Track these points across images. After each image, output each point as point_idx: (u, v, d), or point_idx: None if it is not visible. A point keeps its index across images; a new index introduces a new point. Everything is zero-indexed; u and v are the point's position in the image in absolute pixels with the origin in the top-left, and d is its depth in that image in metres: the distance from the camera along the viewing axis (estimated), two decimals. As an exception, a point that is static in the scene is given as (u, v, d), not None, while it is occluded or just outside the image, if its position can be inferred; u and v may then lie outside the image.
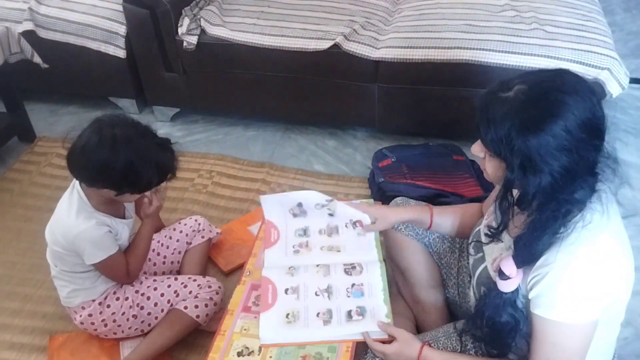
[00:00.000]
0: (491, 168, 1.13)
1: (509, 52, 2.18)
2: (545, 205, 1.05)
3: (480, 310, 1.19)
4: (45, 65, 2.45)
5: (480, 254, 1.30)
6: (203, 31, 2.45)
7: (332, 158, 2.52)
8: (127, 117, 1.51)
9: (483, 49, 2.20)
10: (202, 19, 2.45)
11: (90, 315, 1.63)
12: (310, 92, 2.50)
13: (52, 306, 1.88)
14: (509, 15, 2.39)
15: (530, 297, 1.10)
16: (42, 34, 2.59)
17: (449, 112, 2.40)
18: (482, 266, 1.28)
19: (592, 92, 1.04)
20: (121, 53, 2.57)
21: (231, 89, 2.58)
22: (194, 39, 2.43)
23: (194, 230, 1.90)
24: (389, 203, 1.71)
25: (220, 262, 1.98)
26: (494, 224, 1.23)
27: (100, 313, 1.63)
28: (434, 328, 1.46)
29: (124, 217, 1.64)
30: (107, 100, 2.84)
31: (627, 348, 1.73)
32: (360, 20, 2.45)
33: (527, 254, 1.09)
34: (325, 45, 2.32)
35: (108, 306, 1.63)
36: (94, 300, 1.63)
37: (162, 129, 2.74)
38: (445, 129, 2.49)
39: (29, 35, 2.52)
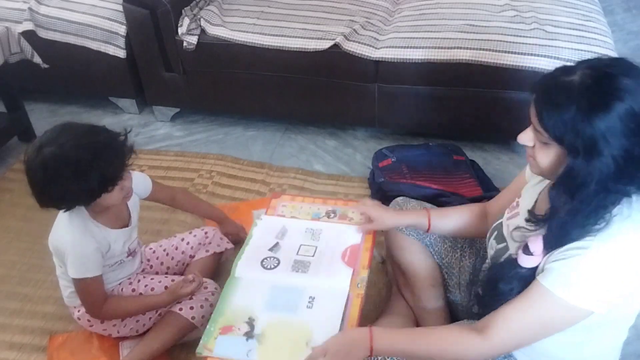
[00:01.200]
0: (545, 156, 1.10)
1: (509, 52, 2.18)
2: (595, 194, 1.03)
3: (490, 271, 1.22)
4: (45, 65, 2.45)
5: (504, 244, 1.29)
6: (203, 31, 2.45)
7: (332, 158, 2.52)
8: (54, 128, 1.43)
9: (483, 49, 2.20)
10: (202, 19, 2.45)
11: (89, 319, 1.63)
12: (310, 92, 2.50)
13: (52, 306, 1.88)
14: (509, 15, 2.39)
15: (545, 267, 1.10)
16: (42, 34, 2.59)
17: (449, 112, 2.40)
18: (506, 255, 1.26)
19: None
20: (121, 53, 2.57)
21: (231, 89, 2.58)
22: (194, 39, 2.43)
23: (200, 243, 1.85)
24: (389, 203, 1.71)
25: None
26: (535, 212, 1.21)
27: (109, 325, 1.63)
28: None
29: (127, 225, 1.61)
30: (107, 100, 2.84)
31: (627, 348, 1.71)
32: (360, 20, 2.45)
33: (559, 238, 1.08)
34: (325, 45, 2.32)
35: None
36: None
37: (162, 129, 2.74)
38: (445, 129, 2.49)
39: (29, 35, 2.52)
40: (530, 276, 1.13)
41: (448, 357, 1.19)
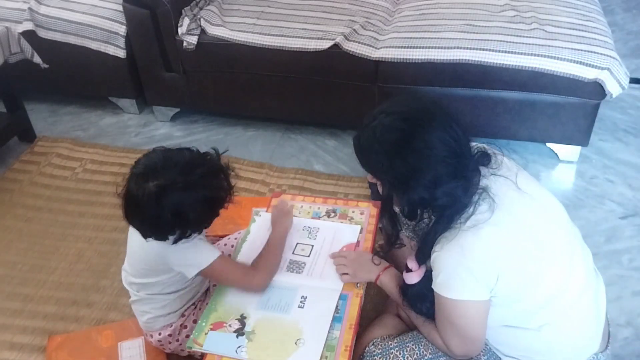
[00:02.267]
0: (382, 188, 1.25)
1: (509, 52, 2.18)
2: (422, 214, 1.20)
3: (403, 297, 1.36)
4: (45, 65, 2.45)
5: None
6: (203, 31, 2.45)
7: (332, 158, 2.52)
8: (162, 155, 1.34)
9: (483, 49, 2.20)
10: (202, 19, 2.45)
11: (170, 335, 1.58)
12: (310, 92, 2.50)
13: (53, 306, 1.89)
14: (509, 15, 2.39)
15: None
16: (42, 34, 2.59)
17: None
18: None
19: (444, 109, 1.20)
20: (121, 53, 2.57)
21: (231, 89, 2.58)
22: (194, 39, 2.43)
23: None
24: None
25: None
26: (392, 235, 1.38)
27: (179, 334, 1.58)
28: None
29: None
30: (107, 100, 2.85)
31: (627, 348, 1.73)
32: (360, 20, 2.45)
33: (422, 253, 1.26)
34: (325, 45, 2.32)
35: (185, 327, 1.57)
36: (173, 324, 1.56)
37: (162, 129, 2.74)
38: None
39: (29, 35, 2.52)
40: (429, 290, 1.24)
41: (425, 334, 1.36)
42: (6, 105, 2.56)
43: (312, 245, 1.56)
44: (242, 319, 1.38)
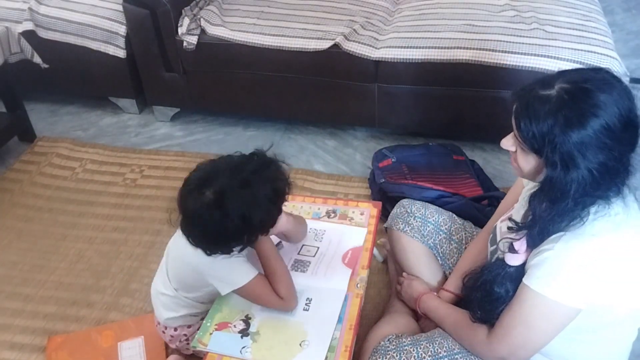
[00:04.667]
0: (525, 163, 1.15)
1: (509, 52, 2.18)
2: (574, 201, 1.07)
3: (482, 273, 1.26)
4: (45, 65, 2.45)
5: (495, 246, 1.34)
6: (203, 31, 2.45)
7: (332, 158, 2.52)
8: (210, 165, 1.32)
9: (483, 49, 2.20)
10: (202, 19, 2.45)
11: (185, 335, 1.57)
12: (310, 92, 2.50)
13: (53, 307, 1.89)
14: (509, 15, 2.39)
15: (526, 268, 1.15)
16: (42, 34, 2.59)
17: (449, 112, 2.40)
18: (496, 256, 1.30)
19: (629, 92, 1.07)
20: (121, 53, 2.57)
21: (231, 89, 2.58)
22: (194, 39, 2.43)
23: None
24: (390, 204, 1.71)
25: None
26: (518, 218, 1.25)
27: (192, 334, 1.56)
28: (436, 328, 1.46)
29: None
30: (107, 100, 2.84)
31: (627, 348, 1.73)
32: (360, 20, 2.45)
33: (541, 237, 1.12)
34: (325, 45, 2.32)
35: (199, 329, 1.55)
36: (192, 325, 1.55)
37: (162, 129, 2.74)
38: (445, 129, 2.50)
39: (29, 35, 2.52)
40: (519, 275, 1.16)
41: (463, 344, 1.31)
42: (6, 105, 2.56)
43: (318, 247, 1.56)
44: (247, 320, 1.38)
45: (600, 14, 2.47)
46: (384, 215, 1.80)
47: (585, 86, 1.05)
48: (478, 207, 1.92)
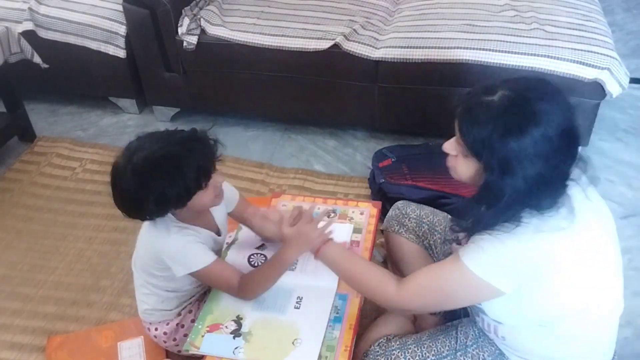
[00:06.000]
0: (464, 167, 1.18)
1: (509, 52, 2.18)
2: (507, 207, 1.09)
3: None
4: (45, 65, 2.45)
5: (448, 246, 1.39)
6: (203, 31, 2.45)
7: (332, 158, 2.52)
8: (146, 135, 1.37)
9: (483, 49, 2.20)
10: (202, 19, 2.45)
11: (165, 333, 1.57)
12: (310, 92, 2.50)
13: (53, 306, 1.89)
14: (509, 15, 2.39)
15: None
16: (42, 34, 2.59)
17: (449, 112, 2.39)
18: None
19: (569, 104, 1.09)
20: (121, 53, 2.57)
21: (231, 89, 2.58)
22: (194, 39, 2.43)
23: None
24: (390, 204, 1.71)
25: None
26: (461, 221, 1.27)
27: (176, 332, 1.57)
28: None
29: (218, 234, 1.50)
30: (107, 100, 2.85)
31: (627, 348, 1.73)
32: (360, 20, 2.45)
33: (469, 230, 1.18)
34: (325, 45, 2.32)
35: (182, 326, 1.57)
36: (170, 322, 1.56)
37: (162, 129, 2.74)
38: (445, 129, 2.49)
39: (29, 35, 2.52)
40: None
41: (365, 290, 1.32)
42: (6, 105, 2.56)
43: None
44: (238, 320, 1.39)
45: (600, 14, 2.47)
46: (384, 215, 1.80)
47: (527, 95, 1.07)
48: (478, 207, 1.91)
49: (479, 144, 1.09)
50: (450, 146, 1.20)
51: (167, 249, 1.37)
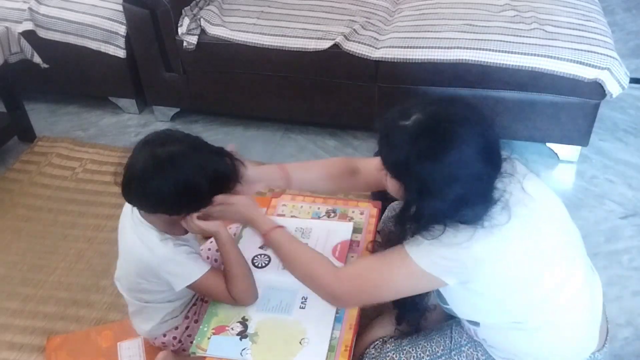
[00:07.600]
0: (391, 185, 1.19)
1: (509, 52, 2.18)
2: (427, 224, 1.11)
3: None
4: (45, 65, 2.45)
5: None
6: (203, 31, 2.45)
7: (332, 158, 2.53)
8: (175, 132, 1.38)
9: (483, 49, 2.20)
10: (202, 19, 2.45)
11: (175, 337, 1.57)
12: (310, 92, 2.50)
13: (53, 307, 1.89)
14: (509, 15, 2.39)
15: None
16: (42, 34, 2.59)
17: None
18: None
19: (482, 116, 1.10)
20: (121, 53, 2.57)
21: (231, 89, 2.58)
22: (194, 39, 2.43)
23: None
24: (390, 204, 1.71)
25: None
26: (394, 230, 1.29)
27: (184, 336, 1.57)
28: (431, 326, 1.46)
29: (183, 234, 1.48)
30: (107, 100, 2.85)
31: (627, 348, 1.73)
32: (360, 20, 2.45)
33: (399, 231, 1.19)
34: (325, 45, 2.32)
35: (187, 327, 1.56)
36: (179, 326, 1.55)
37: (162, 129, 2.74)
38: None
39: (29, 35, 2.52)
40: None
41: (304, 275, 1.29)
42: (6, 105, 2.56)
43: (306, 244, 1.56)
44: (244, 322, 1.38)
45: (600, 14, 2.47)
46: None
47: (440, 119, 1.07)
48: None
49: (396, 167, 1.12)
50: (379, 165, 1.20)
51: (163, 263, 1.36)
